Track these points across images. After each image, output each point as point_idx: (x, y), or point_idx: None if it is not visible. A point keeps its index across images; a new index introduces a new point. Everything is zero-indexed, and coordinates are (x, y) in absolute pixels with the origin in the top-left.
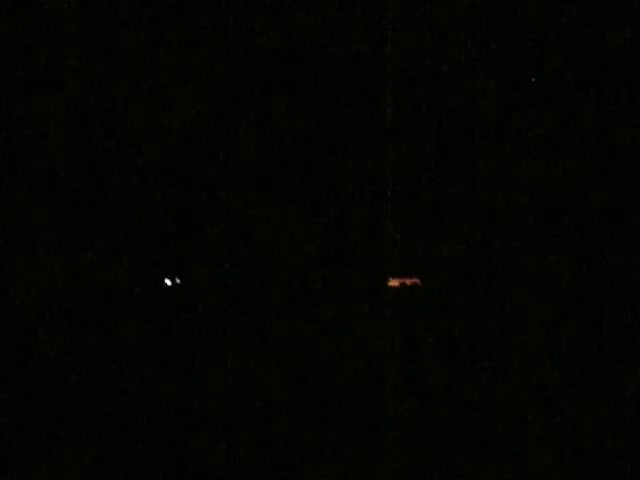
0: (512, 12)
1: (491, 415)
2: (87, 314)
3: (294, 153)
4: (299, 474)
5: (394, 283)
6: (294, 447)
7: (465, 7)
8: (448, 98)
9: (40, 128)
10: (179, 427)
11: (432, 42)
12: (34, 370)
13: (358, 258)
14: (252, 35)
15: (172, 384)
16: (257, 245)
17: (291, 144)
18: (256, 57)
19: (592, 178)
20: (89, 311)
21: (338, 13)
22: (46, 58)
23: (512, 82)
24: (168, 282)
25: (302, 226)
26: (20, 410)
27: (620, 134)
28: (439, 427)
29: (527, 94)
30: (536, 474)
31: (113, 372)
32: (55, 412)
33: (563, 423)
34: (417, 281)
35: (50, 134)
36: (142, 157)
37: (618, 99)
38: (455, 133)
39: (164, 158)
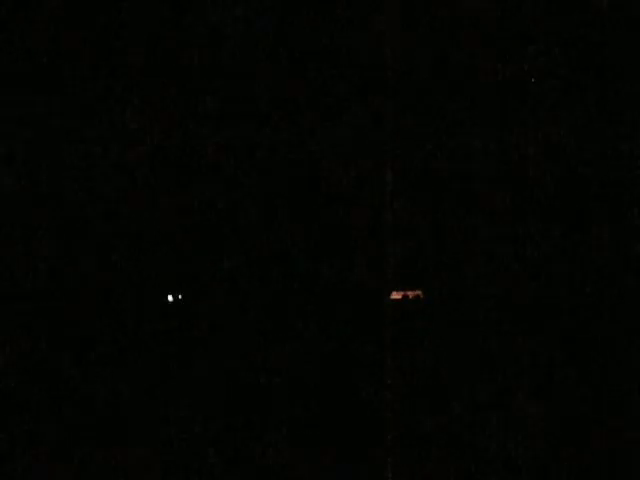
0: (512, 12)
1: (490, 419)
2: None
3: (292, 159)
4: (298, 475)
5: (396, 296)
6: (293, 451)
7: (465, 7)
8: (448, 100)
9: (39, 128)
10: (178, 429)
11: (432, 43)
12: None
13: (357, 266)
14: (252, 35)
15: (170, 381)
16: (255, 249)
17: (289, 149)
18: (256, 57)
19: (593, 182)
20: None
21: (338, 13)
22: (44, 58)
23: (512, 82)
24: (170, 298)
25: (300, 231)
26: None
27: (620, 134)
28: (439, 434)
29: (527, 94)
30: (536, 474)
31: (112, 378)
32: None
33: (563, 424)
34: (419, 293)
35: (48, 135)
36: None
37: (618, 99)
38: (456, 136)
39: (163, 158)
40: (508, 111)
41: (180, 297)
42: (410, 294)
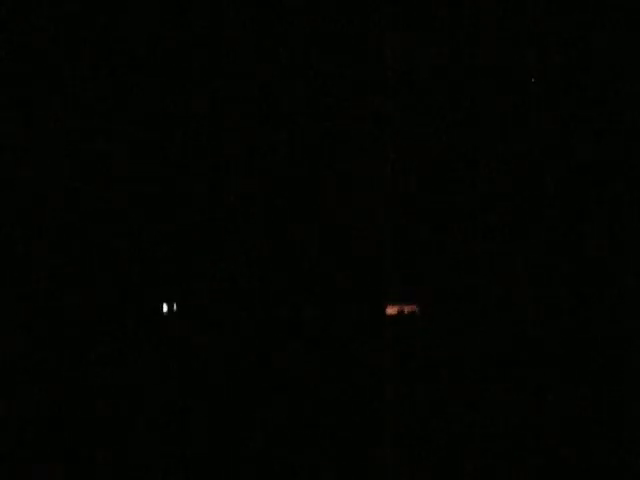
0: (512, 12)
1: (490, 419)
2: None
3: (292, 159)
4: (298, 475)
5: (392, 311)
6: (293, 451)
7: (465, 7)
8: (448, 100)
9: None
10: (178, 430)
11: (432, 43)
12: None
13: (357, 266)
14: (252, 36)
15: (170, 384)
16: (255, 249)
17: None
18: (255, 56)
19: (592, 182)
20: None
21: (337, 13)
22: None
23: (512, 82)
24: (165, 308)
25: (300, 231)
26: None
27: (621, 136)
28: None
29: (527, 95)
30: (536, 475)
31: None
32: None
33: (563, 424)
34: (415, 308)
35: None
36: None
37: (618, 100)
38: (455, 136)
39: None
40: (508, 111)
41: (175, 307)
42: (406, 309)
